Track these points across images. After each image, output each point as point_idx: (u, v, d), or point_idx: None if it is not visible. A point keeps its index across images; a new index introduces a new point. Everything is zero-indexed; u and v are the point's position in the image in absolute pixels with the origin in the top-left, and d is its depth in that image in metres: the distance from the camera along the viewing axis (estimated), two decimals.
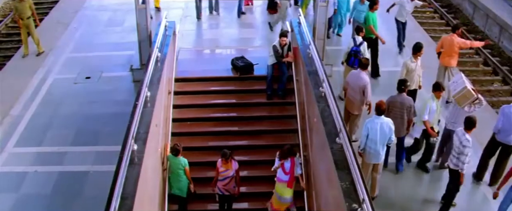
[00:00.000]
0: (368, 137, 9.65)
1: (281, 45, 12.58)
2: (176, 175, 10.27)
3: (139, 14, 13.85)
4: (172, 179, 10.40)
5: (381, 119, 9.53)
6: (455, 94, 10.14)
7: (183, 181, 10.30)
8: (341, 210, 7.94)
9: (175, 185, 10.36)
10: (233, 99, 13.21)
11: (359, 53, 12.56)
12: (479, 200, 10.42)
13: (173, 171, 10.30)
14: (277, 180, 10.21)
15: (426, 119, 10.27)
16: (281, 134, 12.52)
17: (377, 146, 9.64)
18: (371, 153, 9.77)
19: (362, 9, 14.89)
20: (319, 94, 10.34)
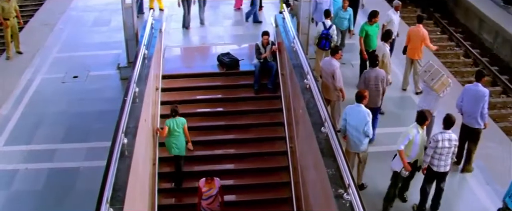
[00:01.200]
0: (347, 121, 9.96)
1: (263, 44, 12.90)
2: (176, 136, 10.96)
3: (126, 13, 14.03)
4: (171, 140, 11.02)
5: (361, 106, 9.79)
6: (433, 84, 10.40)
7: (182, 141, 11.04)
8: (328, 195, 8.19)
9: (176, 146, 11.01)
10: (220, 94, 13.46)
11: (329, 36, 13.64)
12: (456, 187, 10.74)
13: (172, 133, 10.93)
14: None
15: (401, 149, 9.29)
16: (268, 127, 12.76)
17: (354, 132, 9.90)
18: (352, 140, 10.04)
19: (344, 16, 14.72)
20: (304, 86, 10.61)
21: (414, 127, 9.31)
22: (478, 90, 10.38)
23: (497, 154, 11.32)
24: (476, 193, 10.22)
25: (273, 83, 13.13)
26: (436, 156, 9.39)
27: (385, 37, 12.53)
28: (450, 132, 9.35)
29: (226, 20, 17.36)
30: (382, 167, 10.66)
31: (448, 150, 9.33)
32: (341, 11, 14.75)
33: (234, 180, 11.81)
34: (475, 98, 10.38)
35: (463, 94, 10.58)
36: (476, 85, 10.42)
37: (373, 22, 13.45)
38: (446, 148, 9.28)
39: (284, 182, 11.67)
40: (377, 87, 11.21)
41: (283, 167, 11.88)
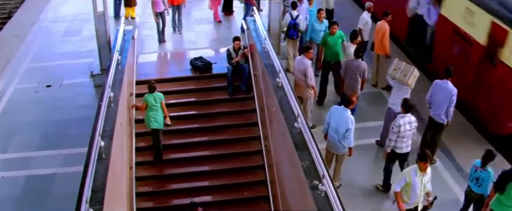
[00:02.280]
0: (330, 124, 10.17)
1: (235, 49, 13.15)
2: (154, 110, 11.61)
3: (98, 20, 14.14)
4: (150, 115, 11.62)
5: (347, 111, 9.95)
6: (407, 80, 10.73)
7: (160, 114, 11.69)
8: (303, 188, 8.41)
9: (155, 119, 11.61)
10: (194, 98, 13.62)
11: (297, 25, 14.27)
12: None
13: (151, 107, 11.58)
14: None
15: (397, 190, 8.84)
16: (242, 127, 12.96)
17: (335, 135, 10.10)
18: (331, 141, 10.27)
19: (320, 29, 14.12)
20: (277, 85, 10.86)
21: (413, 169, 8.70)
22: (446, 87, 10.69)
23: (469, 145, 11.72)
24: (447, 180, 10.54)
25: (246, 85, 13.35)
26: (399, 139, 9.87)
27: (352, 38, 12.82)
28: (410, 115, 9.89)
29: (198, 26, 17.51)
30: (352, 162, 10.96)
31: (410, 133, 9.87)
32: (316, 23, 14.20)
33: (211, 181, 11.96)
34: (443, 94, 10.72)
35: (433, 88, 10.92)
36: (445, 82, 10.73)
37: (333, 33, 13.01)
38: (407, 131, 9.83)
39: (260, 180, 11.86)
40: (355, 77, 11.92)
41: (258, 166, 12.07)
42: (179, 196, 11.64)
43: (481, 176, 8.67)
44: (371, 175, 10.81)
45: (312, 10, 15.06)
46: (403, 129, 9.78)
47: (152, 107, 11.58)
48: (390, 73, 10.96)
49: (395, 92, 11.00)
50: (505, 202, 8.27)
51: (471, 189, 8.87)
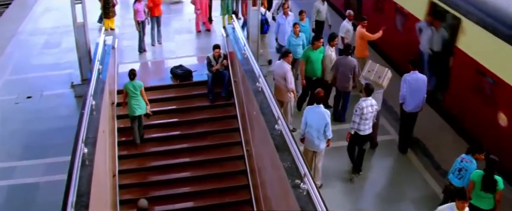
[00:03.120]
0: (307, 124, 10.39)
1: (215, 57, 13.33)
2: (136, 97, 12.21)
3: (78, 31, 14.23)
4: (132, 103, 12.20)
5: (320, 107, 10.27)
6: (381, 81, 11.01)
7: (142, 101, 12.30)
8: (286, 188, 8.59)
9: (138, 106, 12.24)
10: (175, 105, 13.70)
11: (266, 20, 15.34)
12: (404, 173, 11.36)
13: (132, 95, 12.17)
14: None
15: None
16: (223, 133, 13.08)
17: (315, 133, 10.35)
18: (310, 140, 10.49)
19: (296, 43, 13.90)
20: (257, 89, 11.06)
21: (449, 207, 8.15)
22: (418, 78, 11.22)
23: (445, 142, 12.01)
24: (425, 178, 10.80)
25: (226, 91, 13.51)
26: (362, 122, 10.60)
27: (330, 41, 13.07)
28: (371, 98, 10.63)
29: (177, 36, 17.65)
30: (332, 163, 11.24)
31: (371, 115, 10.65)
32: (292, 37, 13.92)
33: (194, 187, 12.05)
34: (417, 85, 11.20)
35: (405, 83, 11.29)
36: (414, 73, 11.25)
37: (316, 47, 12.74)
38: (369, 113, 10.59)
39: (243, 185, 12.01)
40: (346, 74, 12.46)
41: (241, 170, 12.22)
42: (163, 203, 11.74)
43: (465, 166, 8.93)
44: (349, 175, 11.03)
45: (305, 25, 14.75)
46: (365, 111, 10.49)
47: (132, 95, 12.14)
48: (365, 75, 11.23)
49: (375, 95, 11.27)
50: (482, 195, 8.59)
51: (451, 182, 9.12)
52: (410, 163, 11.23)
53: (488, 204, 8.62)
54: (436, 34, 12.76)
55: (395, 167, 11.15)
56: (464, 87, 11.73)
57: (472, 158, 8.91)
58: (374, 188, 10.74)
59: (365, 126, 10.66)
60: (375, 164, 11.29)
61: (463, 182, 8.95)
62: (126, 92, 12.18)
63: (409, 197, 10.31)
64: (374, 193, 10.57)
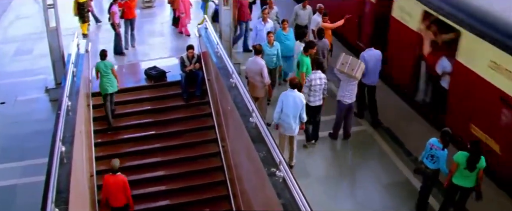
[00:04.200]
0: (282, 111, 10.67)
1: (188, 57, 13.51)
2: (107, 76, 12.92)
3: (51, 35, 14.29)
4: (104, 81, 12.90)
5: (294, 92, 10.63)
6: (355, 74, 11.30)
7: (113, 79, 13.02)
8: (262, 177, 8.80)
9: (109, 84, 12.96)
10: (150, 106, 13.83)
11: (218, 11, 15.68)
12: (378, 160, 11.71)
13: (104, 74, 12.89)
14: None
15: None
16: (198, 131, 13.26)
17: (290, 119, 10.67)
18: (285, 125, 10.79)
19: (271, 52, 13.46)
20: (230, 85, 11.27)
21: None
22: (375, 53, 12.37)
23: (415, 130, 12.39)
24: (397, 165, 11.13)
25: (200, 90, 13.69)
26: (311, 93, 11.47)
27: (300, 36, 13.53)
28: (320, 72, 11.53)
29: (150, 39, 17.76)
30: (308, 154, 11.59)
31: (320, 87, 11.49)
32: (267, 47, 13.42)
33: (171, 184, 12.19)
34: (374, 60, 12.30)
35: (363, 59, 12.18)
36: (370, 49, 12.39)
37: (309, 53, 12.58)
38: (318, 85, 11.43)
39: (220, 181, 12.20)
40: (324, 55, 13.48)
41: (217, 167, 12.41)
42: (141, 202, 11.82)
43: (436, 154, 9.30)
44: (326, 166, 11.31)
45: (287, 35, 14.14)
46: (314, 83, 11.37)
47: (104, 74, 12.87)
48: (339, 67, 11.51)
49: (343, 84, 11.57)
50: (467, 174, 8.99)
51: (427, 166, 9.47)
52: (382, 151, 11.56)
53: (471, 182, 9.07)
54: None
55: (368, 155, 11.48)
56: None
57: (441, 145, 9.26)
58: (348, 175, 11.04)
59: (314, 98, 11.54)
60: (350, 154, 11.58)
61: (437, 166, 9.33)
62: (98, 71, 12.92)
63: (382, 183, 10.63)
64: (348, 180, 10.86)
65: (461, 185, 9.09)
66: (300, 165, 11.19)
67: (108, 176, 10.42)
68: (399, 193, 10.27)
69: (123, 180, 10.39)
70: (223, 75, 11.86)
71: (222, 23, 14.82)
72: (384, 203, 10.06)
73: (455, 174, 9.06)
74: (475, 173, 8.93)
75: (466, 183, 9.06)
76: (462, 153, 8.95)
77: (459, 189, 9.16)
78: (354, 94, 11.55)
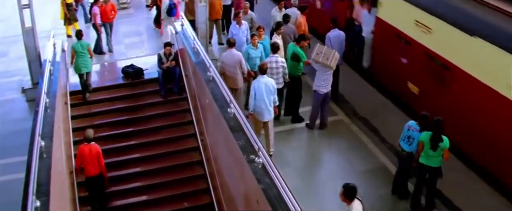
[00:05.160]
0: (256, 97, 10.89)
1: (166, 54, 13.62)
2: (83, 56, 13.43)
3: (26, 35, 14.28)
4: (79, 61, 13.39)
5: (265, 78, 10.97)
6: (329, 63, 11.50)
7: (88, 59, 13.53)
8: (242, 165, 8.93)
9: (83, 64, 13.45)
10: (128, 103, 13.83)
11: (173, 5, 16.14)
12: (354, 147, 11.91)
13: (80, 54, 13.36)
14: None
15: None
16: (177, 127, 13.34)
17: (264, 104, 10.93)
18: (261, 111, 11.08)
19: (255, 55, 13.19)
20: (208, 78, 11.41)
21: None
22: (339, 34, 13.24)
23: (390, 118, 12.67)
24: (373, 152, 11.36)
25: (178, 86, 13.79)
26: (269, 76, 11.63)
27: (277, 28, 13.72)
28: (277, 55, 12.13)
29: (126, 39, 17.80)
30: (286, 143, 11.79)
31: (277, 70, 11.98)
32: (251, 49, 13.20)
33: (151, 180, 12.22)
34: (339, 41, 13.11)
35: (328, 40, 13.13)
36: (335, 30, 13.25)
37: (301, 45, 12.71)
38: (274, 68, 11.94)
39: (199, 175, 12.29)
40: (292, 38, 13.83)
41: (196, 161, 12.49)
42: (120, 198, 11.93)
43: (412, 135, 9.56)
44: (304, 155, 11.50)
45: (262, 42, 13.68)
46: (269, 65, 11.78)
47: (80, 54, 13.33)
48: (314, 58, 11.70)
49: (319, 74, 11.77)
50: (432, 154, 9.26)
51: (402, 148, 9.73)
52: (359, 139, 11.78)
53: (436, 162, 9.33)
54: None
55: (345, 144, 11.70)
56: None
57: (419, 127, 9.50)
58: (325, 164, 11.27)
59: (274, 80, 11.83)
60: (326, 142, 11.83)
61: (412, 148, 9.58)
62: (73, 52, 13.35)
63: (360, 170, 10.85)
64: (326, 168, 11.08)
65: (427, 164, 9.36)
66: (278, 155, 11.36)
67: (82, 145, 10.93)
68: (377, 179, 10.51)
69: (97, 149, 10.95)
70: (200, 70, 11.98)
71: (198, 20, 14.94)
72: (363, 190, 10.19)
73: (422, 154, 9.35)
74: (439, 153, 9.20)
75: (431, 163, 9.32)
76: (426, 133, 9.22)
77: (426, 169, 9.42)
78: (329, 84, 11.77)
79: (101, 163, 11.01)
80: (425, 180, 9.60)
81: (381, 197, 10.09)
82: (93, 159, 10.88)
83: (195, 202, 11.96)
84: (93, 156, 10.88)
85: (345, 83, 13.49)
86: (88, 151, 10.82)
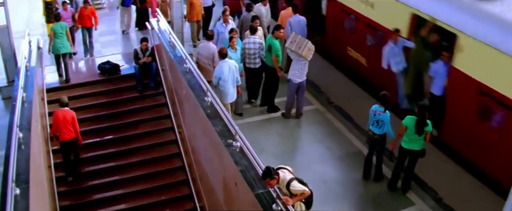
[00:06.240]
0: (221, 79, 11.38)
1: (142, 50, 13.73)
2: (61, 37, 13.80)
3: (1, 34, 14.24)
4: (58, 43, 13.79)
5: (227, 61, 11.49)
6: (301, 51, 11.68)
7: (66, 41, 13.95)
8: (220, 149, 9.12)
9: (62, 45, 13.87)
10: (105, 99, 13.85)
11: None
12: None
13: (59, 36, 13.75)
14: None
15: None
16: (154, 121, 13.44)
17: (229, 84, 11.47)
18: (226, 92, 11.51)
19: (235, 58, 12.62)
20: (185, 70, 11.56)
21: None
22: (300, 19, 13.83)
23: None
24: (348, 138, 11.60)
25: (154, 81, 13.88)
26: (247, 56, 12.63)
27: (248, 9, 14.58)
28: (256, 37, 12.66)
29: (102, 37, 17.81)
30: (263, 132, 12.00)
31: (254, 51, 12.58)
32: (231, 52, 12.58)
33: (130, 173, 12.31)
34: (299, 26, 13.67)
35: (289, 25, 13.65)
36: (296, 16, 13.83)
37: (276, 36, 12.69)
38: (252, 49, 12.58)
39: (178, 167, 12.44)
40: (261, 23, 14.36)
41: (175, 154, 12.64)
42: (99, 192, 12.03)
43: (380, 118, 9.77)
44: (281, 142, 11.67)
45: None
46: (247, 46, 12.60)
47: (58, 35, 13.70)
48: (287, 45, 11.91)
49: (294, 64, 11.98)
50: (414, 138, 9.48)
51: (374, 132, 9.94)
52: (334, 127, 12.02)
53: (419, 145, 9.56)
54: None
55: (320, 131, 11.91)
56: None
57: (382, 108, 9.75)
58: (303, 149, 11.45)
59: (249, 60, 12.72)
60: (303, 130, 12.05)
61: (383, 130, 9.81)
62: (52, 33, 13.74)
63: (336, 155, 11.06)
64: (303, 154, 11.24)
65: (411, 148, 9.57)
66: (255, 142, 11.40)
67: (57, 111, 11.47)
68: (353, 163, 10.72)
69: (71, 114, 11.49)
70: (176, 63, 12.13)
71: (174, 16, 15.08)
72: (340, 173, 10.53)
73: (404, 139, 9.54)
74: (422, 137, 9.43)
75: (415, 146, 9.55)
76: (410, 117, 9.42)
77: (408, 153, 9.64)
78: (304, 73, 11.95)
79: (76, 128, 11.50)
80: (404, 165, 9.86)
81: (357, 180, 10.32)
82: (67, 124, 11.34)
83: (174, 194, 12.10)
84: (68, 121, 11.34)
85: (319, 74, 13.76)
86: (62, 116, 11.31)
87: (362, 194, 10.08)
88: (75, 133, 11.52)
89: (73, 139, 11.51)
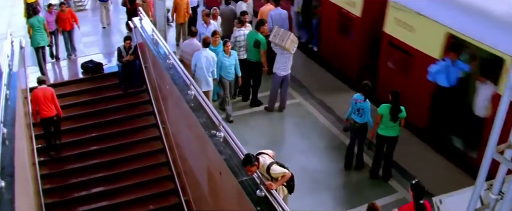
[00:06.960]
0: (197, 66, 11.55)
1: (126, 48, 13.81)
2: (40, 30, 14.50)
3: None
4: (37, 36, 14.47)
5: (206, 51, 11.63)
6: (284, 44, 11.80)
7: (44, 33, 14.63)
8: (204, 141, 9.26)
9: (41, 38, 14.55)
10: (89, 97, 14.03)
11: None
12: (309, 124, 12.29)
13: (37, 29, 14.42)
14: None
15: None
16: (138, 118, 13.65)
17: (204, 72, 11.57)
18: (202, 80, 11.59)
19: (230, 63, 12.12)
20: (168, 66, 11.68)
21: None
22: (280, 12, 13.86)
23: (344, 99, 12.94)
24: (331, 130, 11.79)
25: (138, 79, 13.98)
26: (237, 49, 12.62)
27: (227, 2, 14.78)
28: (244, 29, 12.79)
29: (84, 38, 17.80)
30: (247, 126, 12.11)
31: (244, 43, 12.74)
32: (224, 57, 12.04)
33: (114, 170, 12.48)
34: (280, 19, 13.69)
35: (270, 18, 13.57)
36: (277, 9, 13.86)
37: (261, 31, 12.58)
38: (242, 42, 12.75)
39: (162, 162, 12.57)
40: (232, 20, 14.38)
41: (159, 149, 12.78)
42: (82, 189, 12.18)
43: (361, 107, 9.95)
44: (264, 135, 11.75)
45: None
46: (238, 39, 12.73)
47: (37, 28, 14.37)
48: (271, 38, 12.00)
49: (278, 57, 12.09)
50: (390, 125, 9.68)
51: (355, 121, 10.11)
52: (317, 120, 12.11)
53: (395, 132, 9.76)
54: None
55: (303, 125, 11.99)
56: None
57: (363, 97, 9.95)
58: (286, 143, 11.52)
59: (240, 52, 12.72)
60: (286, 123, 12.16)
61: (364, 119, 9.99)
62: (29, 27, 14.43)
63: (320, 147, 11.19)
64: (287, 146, 11.32)
65: (387, 135, 9.76)
66: (238, 135, 11.38)
67: (36, 89, 11.97)
68: (335, 154, 10.85)
69: (50, 91, 12.04)
70: (160, 59, 12.24)
71: (156, 14, 15.18)
72: (322, 163, 10.63)
73: (380, 127, 9.73)
74: (397, 123, 9.65)
75: (391, 133, 9.74)
76: (385, 105, 9.61)
77: (385, 139, 9.83)
78: (288, 67, 12.04)
79: (55, 104, 12.05)
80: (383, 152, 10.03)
81: (340, 170, 10.46)
82: (47, 101, 11.84)
83: (159, 189, 12.22)
84: (48, 98, 11.85)
85: (301, 69, 13.88)
86: (42, 94, 11.80)
87: (345, 183, 10.21)
88: (55, 110, 12.02)
89: (53, 116, 11.95)
